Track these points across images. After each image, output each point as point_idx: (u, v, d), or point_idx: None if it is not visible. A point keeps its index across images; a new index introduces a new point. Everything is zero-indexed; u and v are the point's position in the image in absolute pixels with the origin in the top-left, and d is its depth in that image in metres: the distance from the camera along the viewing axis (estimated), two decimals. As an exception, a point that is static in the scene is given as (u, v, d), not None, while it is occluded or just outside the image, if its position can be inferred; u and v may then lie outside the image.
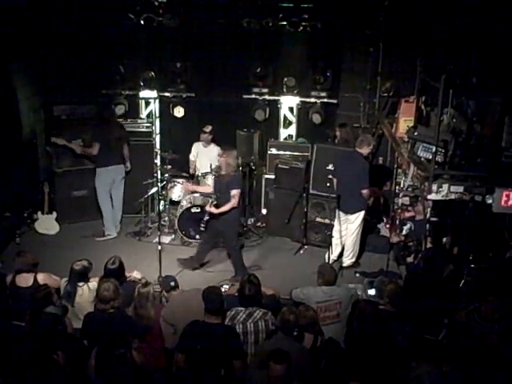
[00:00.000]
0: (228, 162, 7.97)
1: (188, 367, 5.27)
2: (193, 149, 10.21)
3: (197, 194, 9.40)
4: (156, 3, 9.67)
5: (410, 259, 8.01)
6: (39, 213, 9.60)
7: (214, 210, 8.09)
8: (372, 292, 6.38)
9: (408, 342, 5.36)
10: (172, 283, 6.37)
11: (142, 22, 10.19)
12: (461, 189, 6.68)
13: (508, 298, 5.85)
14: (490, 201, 6.55)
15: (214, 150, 10.00)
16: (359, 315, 5.53)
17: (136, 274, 6.90)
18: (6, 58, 9.15)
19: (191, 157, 10.21)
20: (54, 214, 9.64)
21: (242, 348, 5.47)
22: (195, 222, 9.13)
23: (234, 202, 7.97)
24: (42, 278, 6.47)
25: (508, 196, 6.47)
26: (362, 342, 5.29)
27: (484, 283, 6.25)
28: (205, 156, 9.94)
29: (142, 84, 10.85)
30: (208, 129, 9.97)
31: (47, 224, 9.58)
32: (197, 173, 10.04)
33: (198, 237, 9.24)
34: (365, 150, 8.34)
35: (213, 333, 5.33)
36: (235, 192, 8.01)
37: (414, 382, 4.63)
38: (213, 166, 9.62)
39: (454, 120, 7.05)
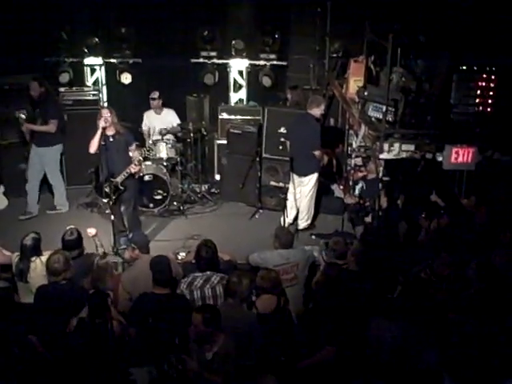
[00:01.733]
0: (115, 120, 7.74)
1: (141, 340, 5.26)
2: (144, 118, 9.96)
3: (149, 162, 9.23)
4: (98, -34, 9.37)
5: (368, 219, 8.09)
6: (-15, 187, 9.34)
7: (137, 169, 7.85)
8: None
9: (368, 300, 5.44)
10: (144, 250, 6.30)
11: (84, -13, 9.87)
12: (412, 147, 6.77)
13: (461, 254, 5.98)
14: (440, 158, 6.66)
15: (169, 114, 9.82)
16: (325, 279, 5.58)
17: (91, 231, 6.79)
18: None
19: (143, 126, 9.94)
20: (2, 188, 9.39)
21: None
22: (148, 190, 9.05)
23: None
24: (-7, 254, 6.32)
25: (457, 153, 6.59)
26: (330, 304, 5.33)
27: (437, 240, 6.37)
28: (159, 123, 9.74)
29: (86, 51, 10.57)
30: (156, 95, 9.76)
31: (-5, 198, 9.32)
32: (147, 141, 9.79)
33: (151, 205, 9.15)
34: (315, 111, 8.31)
35: (162, 304, 5.32)
36: (135, 145, 7.94)
37: (374, 339, 4.71)
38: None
39: (403, 79, 7.10)
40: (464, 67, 7.01)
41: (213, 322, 4.75)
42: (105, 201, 8.02)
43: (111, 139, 7.70)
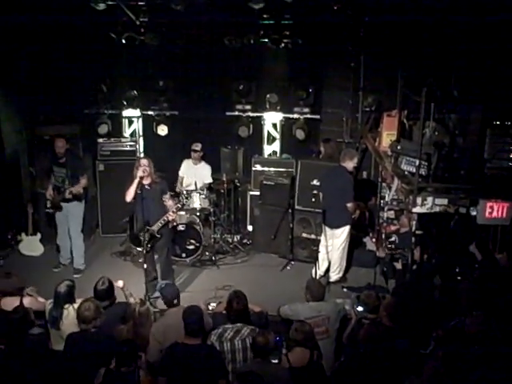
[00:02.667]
0: (152, 169, 7.95)
1: None
2: (182, 165, 10.19)
3: (182, 212, 9.36)
4: (137, 22, 9.68)
5: (398, 265, 7.99)
6: (23, 234, 9.52)
7: (174, 216, 8.10)
8: (361, 308, 6.35)
9: (401, 356, 5.34)
10: (175, 301, 6.20)
11: (124, 42, 10.20)
12: (445, 201, 6.72)
13: (493, 311, 5.84)
14: (474, 213, 6.60)
15: (205, 168, 10.00)
16: (366, 338, 5.49)
17: (119, 284, 6.81)
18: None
19: (180, 173, 10.17)
20: (39, 235, 9.56)
21: (224, 367, 5.44)
22: (181, 240, 9.12)
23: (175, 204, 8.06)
24: (28, 301, 6.37)
25: (492, 207, 6.52)
26: (362, 360, 5.24)
27: (470, 296, 6.24)
28: (193, 174, 9.92)
29: (124, 103, 10.86)
30: (198, 147, 9.98)
31: (31, 245, 9.49)
32: (178, 189, 9.97)
33: (183, 255, 9.21)
34: (348, 164, 8.35)
35: (193, 354, 5.29)
36: (169, 194, 8.12)
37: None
38: (199, 185, 9.61)
39: (436, 133, 7.12)
40: (497, 122, 7.01)
41: None
42: (139, 249, 8.07)
43: (147, 188, 7.87)
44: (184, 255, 9.23)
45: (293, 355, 5.43)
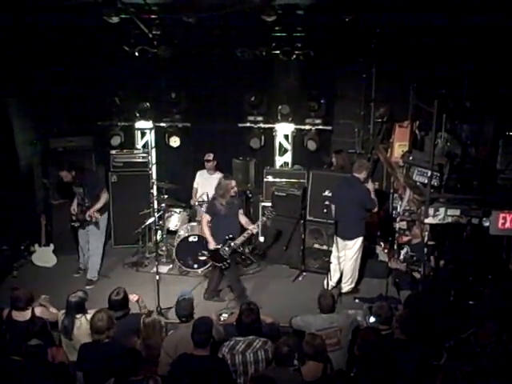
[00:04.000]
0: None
1: None
2: (197, 176, 10.20)
3: (194, 223, 9.39)
4: (150, 35, 9.76)
5: (417, 275, 7.92)
6: (36, 245, 9.59)
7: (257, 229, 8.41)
8: (373, 320, 6.31)
9: (415, 370, 5.29)
10: (184, 318, 6.10)
11: (137, 54, 10.29)
12: (457, 212, 6.68)
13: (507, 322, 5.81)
14: (486, 223, 6.56)
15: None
16: (362, 344, 5.47)
17: (133, 298, 6.82)
18: (2, 92, 9.23)
19: (195, 184, 10.18)
20: (52, 246, 9.62)
21: (231, 379, 5.42)
22: (193, 251, 9.13)
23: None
24: (39, 311, 6.42)
25: (505, 218, 6.47)
26: (365, 370, 5.21)
27: (483, 307, 6.21)
28: (209, 184, 9.94)
29: (137, 115, 10.93)
30: (210, 156, 9.98)
31: (44, 256, 9.55)
32: (193, 202, 10.00)
33: (196, 266, 9.21)
34: (364, 174, 8.36)
35: (200, 366, 5.28)
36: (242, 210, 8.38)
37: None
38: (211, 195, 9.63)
39: (449, 144, 7.11)
40: (510, 132, 6.99)
41: None
42: (219, 265, 8.10)
43: (230, 204, 8.09)
44: (196, 266, 9.24)
45: (305, 369, 5.39)
